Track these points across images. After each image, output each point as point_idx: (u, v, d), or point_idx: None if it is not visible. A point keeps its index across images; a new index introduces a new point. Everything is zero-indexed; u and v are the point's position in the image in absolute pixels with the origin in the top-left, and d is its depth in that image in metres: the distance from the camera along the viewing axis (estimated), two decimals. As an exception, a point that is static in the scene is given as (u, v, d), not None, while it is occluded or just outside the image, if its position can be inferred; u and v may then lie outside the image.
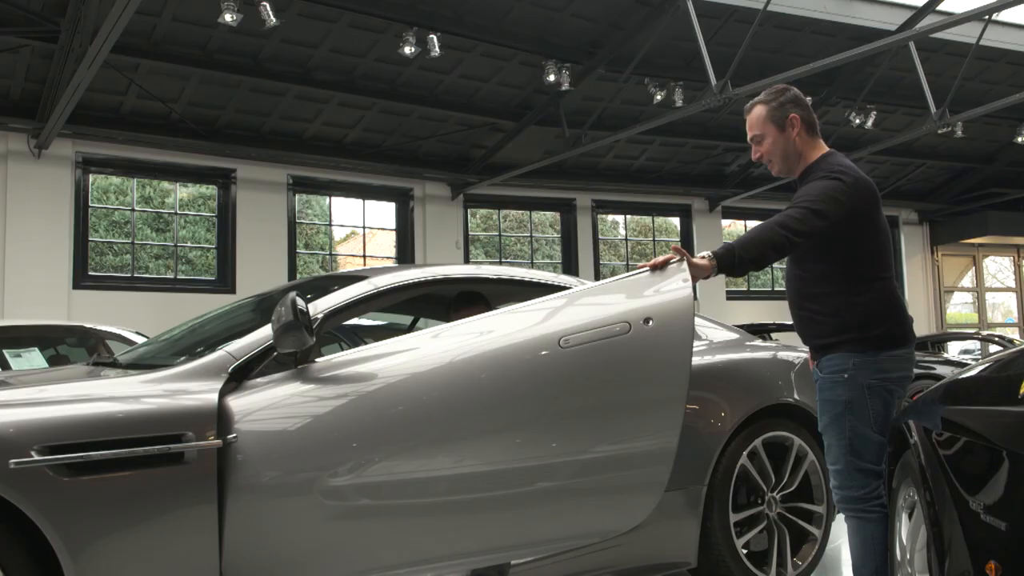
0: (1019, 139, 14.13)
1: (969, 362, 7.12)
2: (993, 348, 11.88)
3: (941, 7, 11.05)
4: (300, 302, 2.50)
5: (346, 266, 13.74)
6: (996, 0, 8.96)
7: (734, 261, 2.72)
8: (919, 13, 11.16)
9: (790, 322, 3.10)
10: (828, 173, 2.84)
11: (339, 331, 4.57)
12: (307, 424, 2.53)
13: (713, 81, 9.59)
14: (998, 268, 20.05)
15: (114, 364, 3.14)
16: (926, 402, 2.42)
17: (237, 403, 2.51)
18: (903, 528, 2.59)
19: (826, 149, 3.00)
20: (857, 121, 12.58)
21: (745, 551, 3.48)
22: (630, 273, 2.73)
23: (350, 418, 2.51)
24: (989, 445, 1.78)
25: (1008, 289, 20.01)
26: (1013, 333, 18.70)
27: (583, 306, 2.59)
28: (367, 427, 2.49)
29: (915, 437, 2.31)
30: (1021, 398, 1.62)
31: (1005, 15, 11.30)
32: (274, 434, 2.50)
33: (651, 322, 2.56)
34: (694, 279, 2.72)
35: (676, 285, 2.63)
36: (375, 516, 2.50)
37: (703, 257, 2.73)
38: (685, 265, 2.68)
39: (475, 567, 2.62)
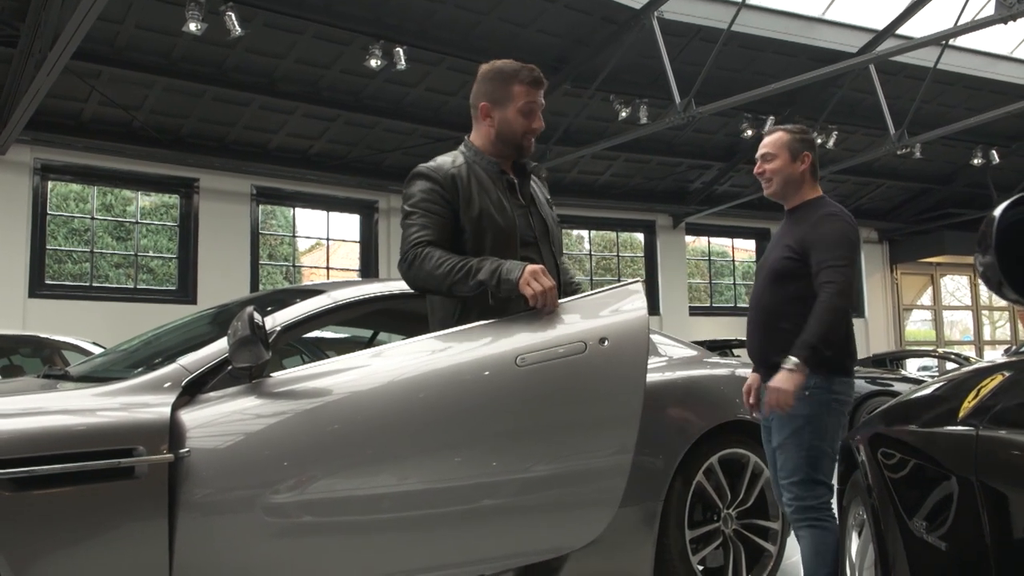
0: (975, 161, 14.44)
1: (927, 379, 7.24)
2: (950, 365, 12.11)
3: (900, 31, 11.31)
4: (257, 316, 2.47)
5: (310, 277, 13.65)
6: (953, 26, 9.18)
7: (822, 354, 2.86)
8: (879, 36, 11.41)
9: None
10: (832, 214, 3.05)
11: (301, 343, 4.55)
12: (258, 439, 2.50)
13: (677, 99, 9.71)
14: (956, 286, 20.42)
15: (66, 376, 3.09)
16: (874, 422, 2.46)
17: (190, 417, 2.47)
18: (853, 545, 2.64)
19: (820, 193, 3.19)
20: (819, 141, 12.76)
21: (701, 568, 3.50)
22: (585, 294, 2.75)
23: (302, 434, 2.50)
24: (929, 465, 1.81)
25: (965, 307, 20.39)
26: (970, 351, 19.05)
27: (539, 325, 2.60)
28: (318, 443, 2.48)
29: (862, 456, 2.35)
30: (959, 420, 1.66)
31: (962, 40, 11.57)
32: (226, 449, 2.47)
33: (607, 342, 2.58)
34: (796, 389, 2.80)
35: (631, 306, 2.65)
36: (326, 533, 2.48)
37: (791, 370, 2.81)
38: (640, 286, 2.72)
39: None
